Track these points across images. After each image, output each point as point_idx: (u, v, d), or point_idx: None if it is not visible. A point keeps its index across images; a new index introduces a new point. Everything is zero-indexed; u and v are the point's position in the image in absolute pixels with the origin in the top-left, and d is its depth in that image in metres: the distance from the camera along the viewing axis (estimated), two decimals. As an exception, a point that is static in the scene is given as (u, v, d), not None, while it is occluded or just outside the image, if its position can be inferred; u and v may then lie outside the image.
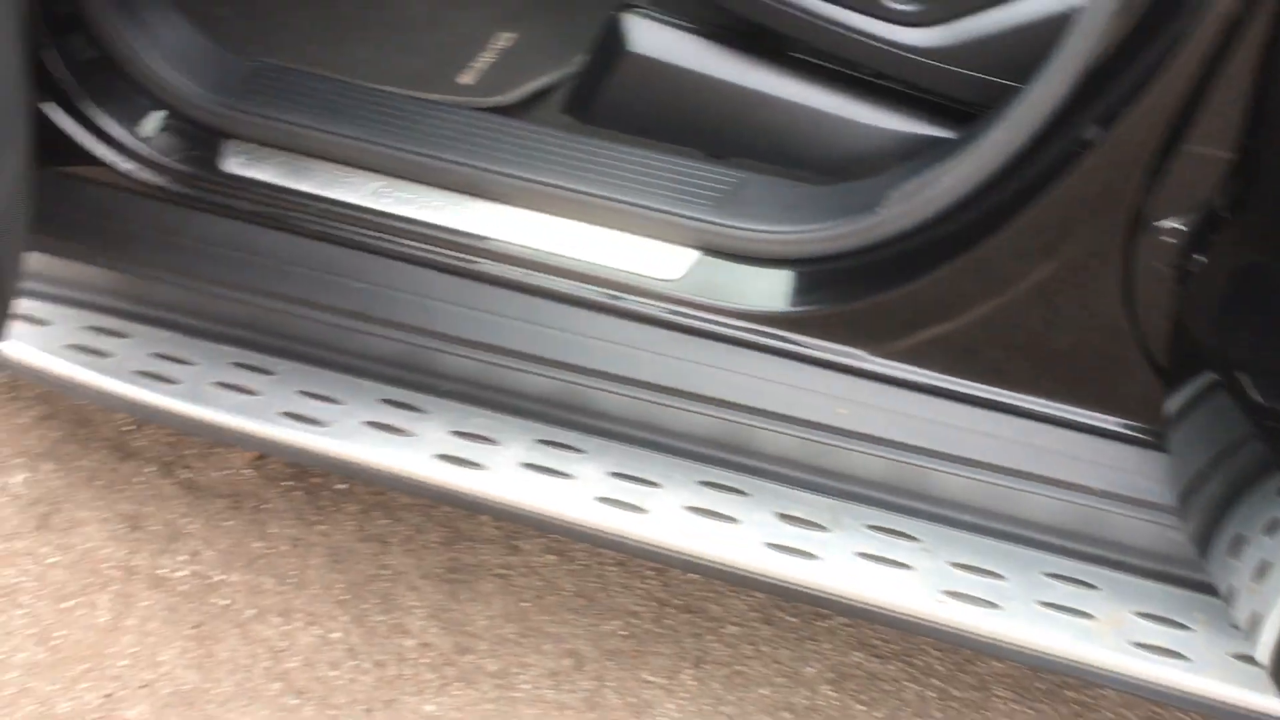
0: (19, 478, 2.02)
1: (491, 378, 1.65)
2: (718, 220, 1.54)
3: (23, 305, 1.76)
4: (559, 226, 1.58)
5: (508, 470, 1.61)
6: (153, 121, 1.65)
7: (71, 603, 1.88)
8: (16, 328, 1.74)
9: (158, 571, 1.91)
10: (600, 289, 1.56)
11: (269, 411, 1.67)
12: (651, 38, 1.67)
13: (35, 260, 1.73)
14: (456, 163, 1.60)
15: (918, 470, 1.54)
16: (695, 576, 1.90)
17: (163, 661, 1.81)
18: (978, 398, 1.50)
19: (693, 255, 1.55)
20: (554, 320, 1.58)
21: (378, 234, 1.61)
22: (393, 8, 2.01)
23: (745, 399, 1.54)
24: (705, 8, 1.64)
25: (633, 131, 1.69)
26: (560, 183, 1.57)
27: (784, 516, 1.57)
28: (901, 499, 1.57)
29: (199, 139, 1.66)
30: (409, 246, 1.60)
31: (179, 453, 2.05)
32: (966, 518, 1.56)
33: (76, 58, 1.61)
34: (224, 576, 1.91)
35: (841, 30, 1.53)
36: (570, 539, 1.80)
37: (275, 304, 1.66)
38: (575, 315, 1.57)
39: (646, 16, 1.68)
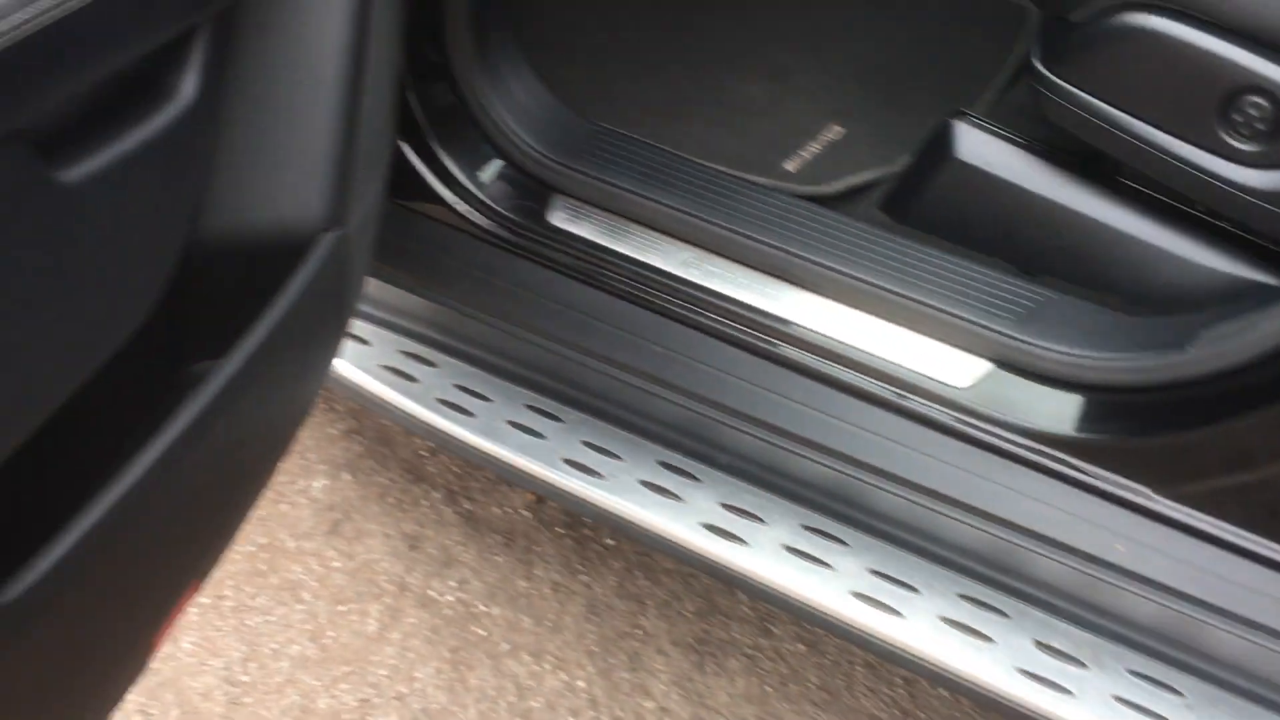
0: (319, 483, 2.15)
1: (768, 456, 1.67)
2: (1017, 335, 1.52)
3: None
4: (857, 319, 1.59)
5: (769, 550, 1.63)
6: (491, 169, 1.76)
7: (346, 607, 1.99)
8: (344, 345, 1.87)
9: (428, 592, 2.00)
10: (888, 386, 1.56)
11: (552, 456, 1.74)
12: (978, 147, 1.67)
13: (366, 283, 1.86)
14: (767, 244, 1.63)
15: (1192, 622, 1.47)
16: (943, 693, 1.86)
17: (418, 678, 1.89)
18: (1271, 559, 1.43)
19: (985, 366, 1.53)
20: (837, 410, 1.59)
21: (681, 302, 1.65)
22: (733, 91, 2.08)
23: (1019, 518, 1.51)
24: (1037, 123, 1.63)
25: (946, 236, 1.69)
26: (864, 277, 1.59)
27: (1042, 645, 1.53)
28: (1170, 649, 1.50)
29: (530, 190, 1.75)
30: (709, 318, 1.64)
31: (465, 484, 2.15)
32: (1240, 681, 1.48)
33: (434, 102, 1.73)
34: (486, 609, 1.98)
35: (1176, 162, 1.49)
36: (822, 630, 1.79)
37: (574, 355, 1.73)
38: (859, 408, 1.58)
39: (977, 125, 1.69)
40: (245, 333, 1.24)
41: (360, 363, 1.87)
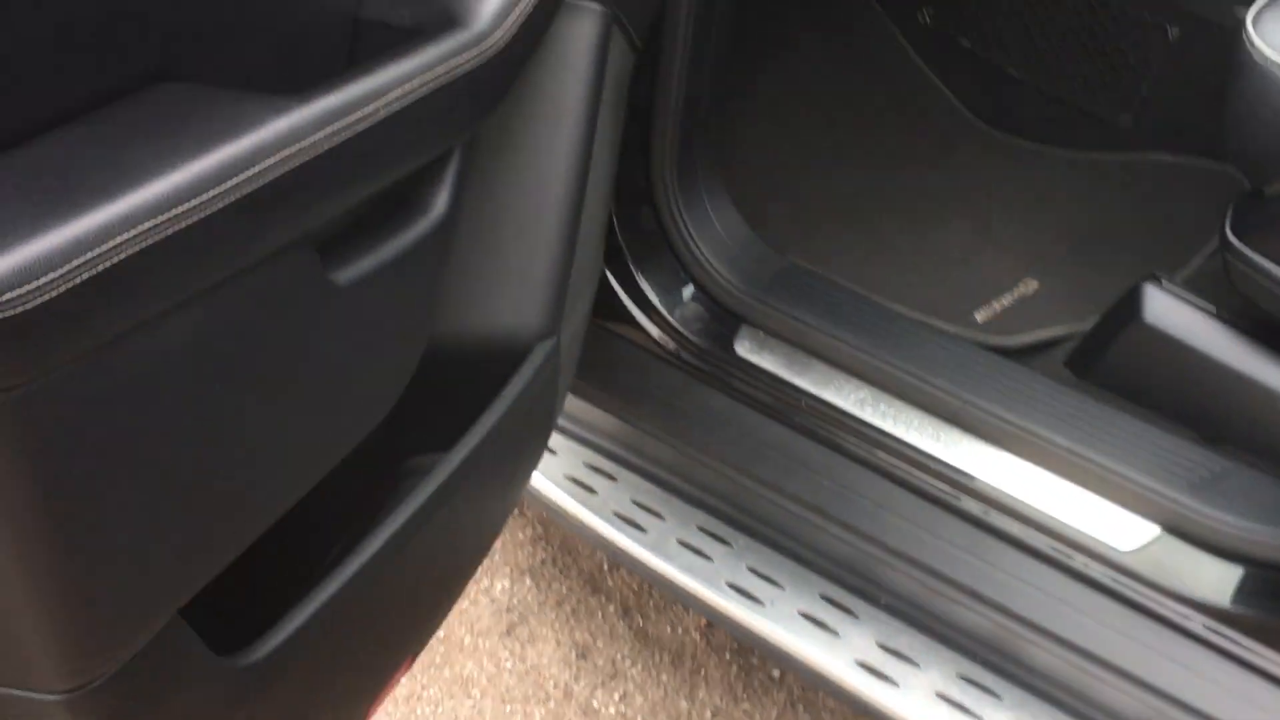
0: (501, 584, 2.23)
1: (927, 600, 1.67)
2: (1191, 503, 1.50)
3: (540, 431, 1.98)
4: (1028, 471, 1.59)
5: (921, 695, 1.62)
6: (684, 295, 1.83)
7: (511, 708, 2.05)
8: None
9: (591, 702, 2.05)
10: (1053, 542, 1.55)
11: (717, 579, 1.77)
12: (1166, 311, 1.66)
13: (561, 394, 1.95)
14: (944, 390, 1.65)
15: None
16: None
17: (569, 783, 1.94)
18: None
19: (1153, 530, 1.51)
20: (998, 560, 1.59)
21: (854, 439, 1.68)
22: (932, 240, 2.12)
23: (1174, 688, 1.47)
24: (1230, 294, 1.62)
25: (1128, 398, 1.68)
26: (1040, 431, 1.59)
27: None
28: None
29: (720, 319, 1.81)
30: (879, 458, 1.67)
31: (641, 600, 2.20)
32: None
33: (636, 227, 1.81)
34: (645, 724, 2.02)
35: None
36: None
37: (747, 481, 1.77)
38: (1020, 560, 1.57)
39: (1169, 291, 1.68)
40: (467, 431, 1.34)
41: (547, 471, 1.95)
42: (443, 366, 1.39)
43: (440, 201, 1.21)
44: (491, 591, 2.22)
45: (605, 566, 2.26)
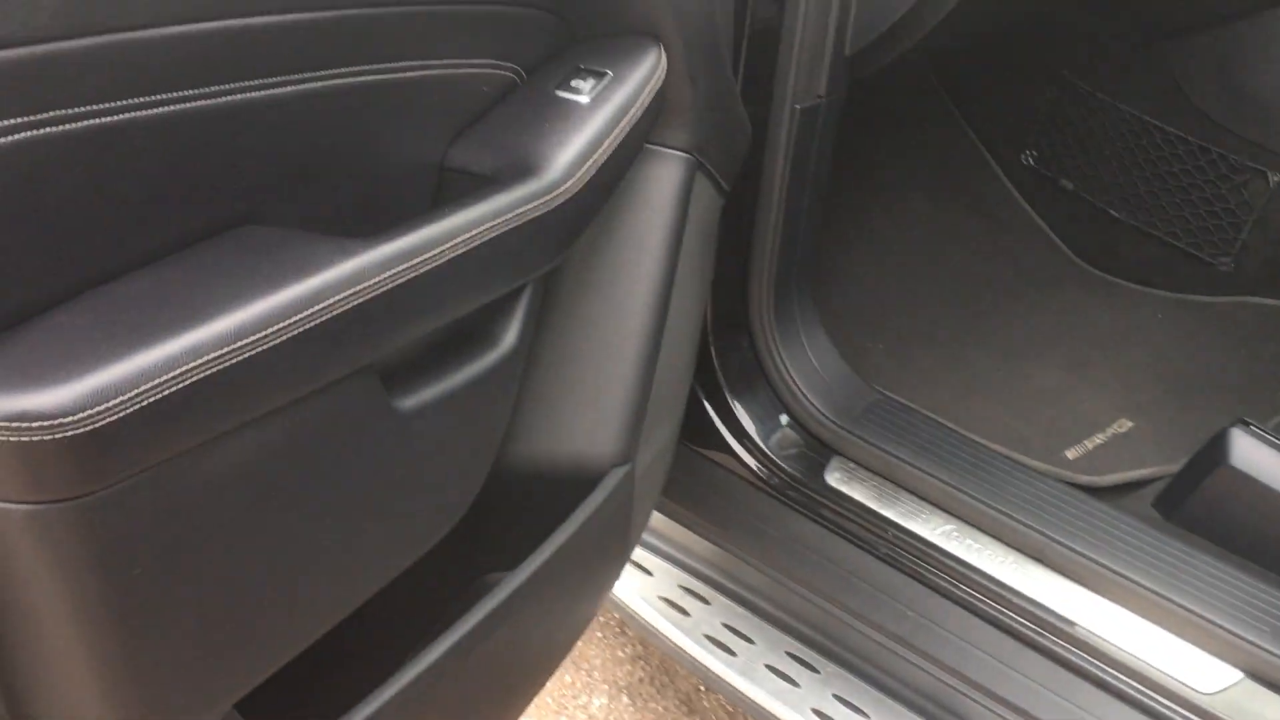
0: (599, 701, 2.27)
1: (1007, 736, 1.68)
2: (1274, 648, 1.50)
3: (636, 553, 2.04)
4: (1111, 611, 1.61)
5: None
6: (777, 424, 1.89)
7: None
8: (628, 572, 2.02)
9: (679, 822, 2.07)
10: (1134, 681, 1.56)
11: (803, 705, 1.80)
12: (1253, 455, 1.68)
13: (653, 517, 2.01)
14: (1031, 527, 1.67)
15: None
16: None
17: None
18: None
19: (1235, 675, 1.51)
20: (1080, 698, 1.59)
21: (938, 572, 1.71)
22: (1027, 377, 2.15)
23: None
24: (1317, 439, 1.63)
25: (1214, 541, 1.69)
26: (1124, 571, 1.60)
27: None
28: None
29: (811, 449, 1.86)
30: (963, 591, 1.69)
31: (733, 723, 2.23)
32: None
33: (732, 355, 1.88)
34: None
35: None
36: None
37: (834, 609, 1.81)
38: (1101, 699, 1.58)
39: (1257, 436, 1.70)
40: (534, 551, 1.41)
41: (643, 592, 2.00)
42: (516, 487, 1.46)
43: (509, 336, 1.29)
44: (589, 708, 2.26)
45: (701, 688, 2.29)
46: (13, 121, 0.85)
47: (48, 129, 0.87)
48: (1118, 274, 2.39)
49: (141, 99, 0.93)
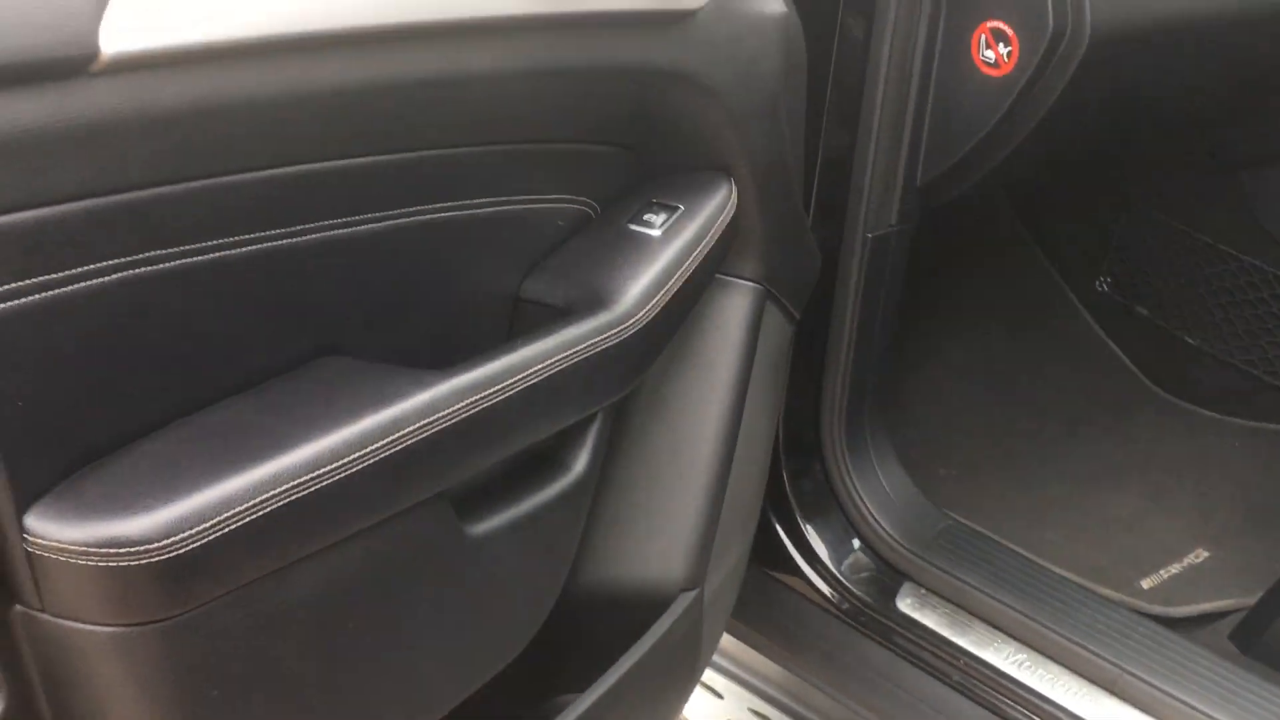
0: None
1: None
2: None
3: (706, 674, 2.04)
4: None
5: None
6: (849, 549, 1.89)
7: None
8: (698, 694, 2.01)
9: None
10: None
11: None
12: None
13: (723, 639, 2.01)
14: (1104, 658, 1.66)
15: None
16: None
17: None
18: None
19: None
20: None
21: (1010, 701, 1.69)
22: (1101, 505, 2.13)
23: None
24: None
25: (1294, 677, 1.66)
26: (1199, 705, 1.58)
27: None
28: None
29: (883, 574, 1.86)
30: (1036, 722, 1.68)
31: None
32: None
33: (803, 479, 1.89)
34: None
35: None
36: None
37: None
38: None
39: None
40: (603, 673, 1.42)
41: (712, 715, 2.00)
42: (585, 610, 1.48)
43: (580, 462, 1.31)
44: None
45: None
46: (111, 263, 0.90)
47: (143, 269, 0.92)
48: (1194, 401, 2.38)
49: (231, 238, 0.99)
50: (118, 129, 0.87)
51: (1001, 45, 1.56)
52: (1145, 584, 1.94)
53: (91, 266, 0.89)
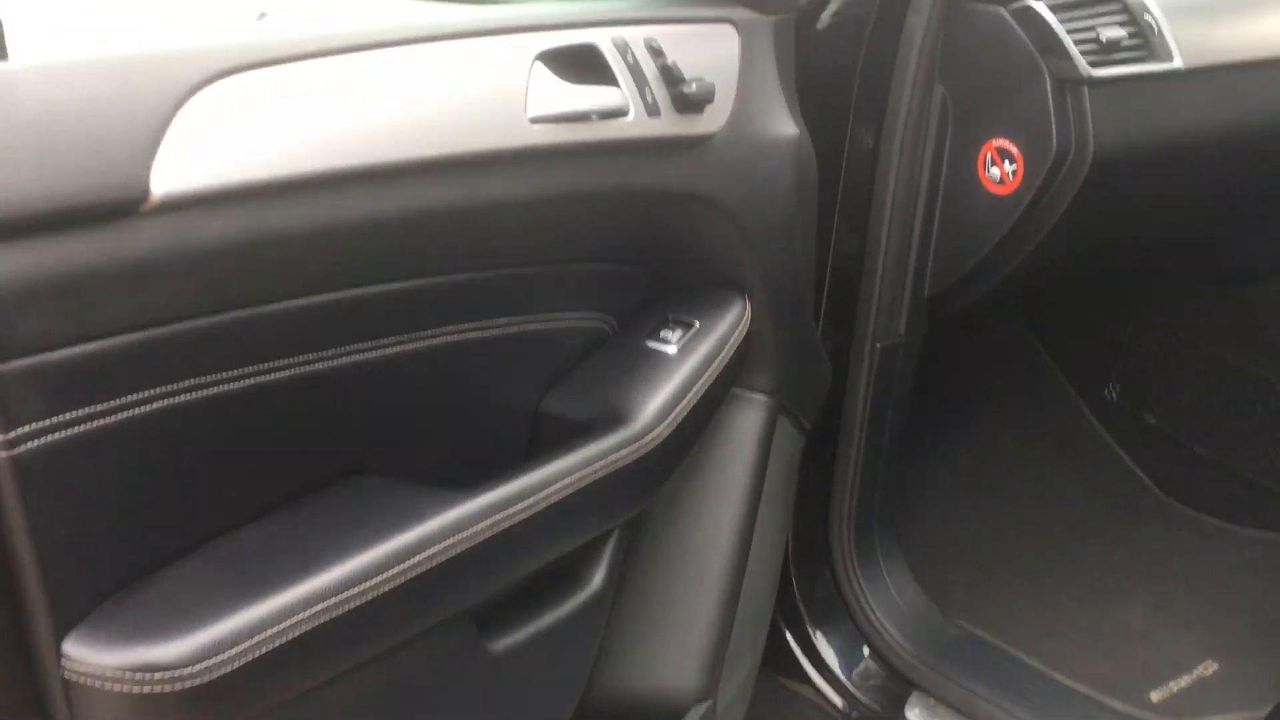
0: None
1: None
2: None
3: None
4: None
5: None
6: (858, 657, 1.89)
7: None
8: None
9: None
10: None
11: None
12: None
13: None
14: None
15: None
16: None
17: None
18: None
19: None
20: None
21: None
22: (1110, 614, 2.13)
23: None
24: None
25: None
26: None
27: None
28: None
29: (893, 682, 1.86)
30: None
31: None
32: None
33: (813, 586, 1.90)
34: None
35: None
36: None
37: None
38: None
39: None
40: None
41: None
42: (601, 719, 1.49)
43: (597, 577, 1.34)
44: None
45: None
46: (153, 392, 0.93)
47: (183, 397, 0.95)
48: (1203, 510, 2.38)
49: (266, 364, 1.02)
50: (164, 266, 0.90)
51: (1007, 163, 1.59)
52: (1155, 696, 1.93)
53: (135, 396, 0.92)
